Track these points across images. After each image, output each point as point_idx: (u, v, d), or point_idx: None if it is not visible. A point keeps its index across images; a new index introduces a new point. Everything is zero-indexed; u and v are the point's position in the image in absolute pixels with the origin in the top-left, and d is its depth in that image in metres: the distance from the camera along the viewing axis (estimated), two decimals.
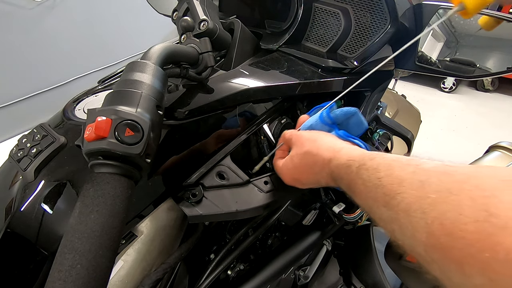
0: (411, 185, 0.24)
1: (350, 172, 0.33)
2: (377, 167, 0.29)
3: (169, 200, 0.45)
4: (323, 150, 0.38)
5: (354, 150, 0.36)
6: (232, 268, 0.60)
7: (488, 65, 0.59)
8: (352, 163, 0.33)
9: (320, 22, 0.61)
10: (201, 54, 0.45)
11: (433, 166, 0.25)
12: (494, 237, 0.18)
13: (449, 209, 0.20)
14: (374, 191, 0.28)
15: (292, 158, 0.42)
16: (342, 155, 0.35)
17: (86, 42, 2.22)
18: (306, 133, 0.43)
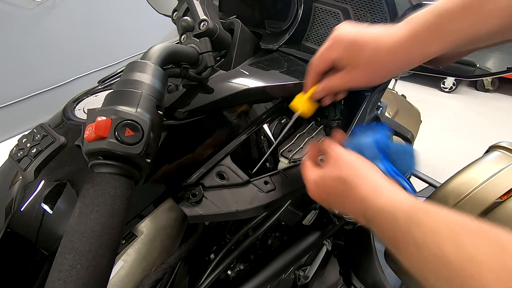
0: (497, 277, 0.19)
1: (395, 224, 0.27)
2: (436, 229, 0.23)
3: (169, 200, 0.45)
4: (361, 184, 0.32)
5: (400, 195, 0.29)
6: (232, 268, 0.60)
7: (488, 65, 0.59)
8: (399, 214, 0.26)
9: (320, 22, 0.61)
10: (201, 54, 0.45)
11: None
12: None
13: None
14: (434, 262, 0.22)
15: (324, 178, 0.36)
16: (384, 197, 0.29)
17: (86, 42, 2.22)
18: (346, 154, 0.36)
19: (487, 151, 0.85)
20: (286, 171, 0.50)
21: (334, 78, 0.39)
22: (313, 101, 0.43)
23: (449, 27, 0.31)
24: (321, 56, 0.40)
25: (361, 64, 0.36)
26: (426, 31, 0.32)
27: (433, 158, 2.04)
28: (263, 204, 0.44)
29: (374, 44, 0.35)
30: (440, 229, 0.23)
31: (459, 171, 0.78)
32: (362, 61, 0.36)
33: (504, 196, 0.69)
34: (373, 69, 0.36)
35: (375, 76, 0.37)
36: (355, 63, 0.36)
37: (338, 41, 0.38)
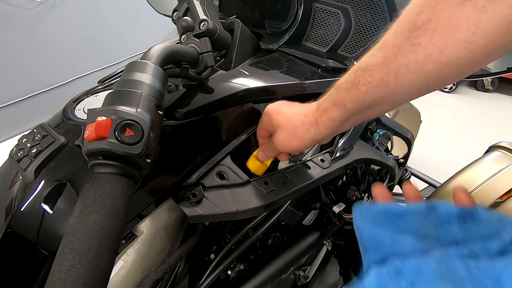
0: None
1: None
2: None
3: (169, 200, 0.45)
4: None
5: None
6: (232, 268, 0.60)
7: (488, 65, 0.59)
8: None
9: (320, 22, 0.61)
10: (201, 54, 0.45)
11: None
12: None
13: None
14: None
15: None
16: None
17: (86, 42, 2.21)
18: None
19: (487, 151, 0.86)
20: (286, 171, 0.50)
21: (268, 143, 0.44)
22: (262, 162, 0.47)
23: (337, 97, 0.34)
24: (259, 126, 0.46)
25: (279, 128, 0.40)
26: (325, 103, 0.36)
27: (433, 158, 2.04)
28: (263, 204, 0.44)
29: (290, 110, 0.40)
30: None
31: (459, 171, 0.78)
32: (279, 126, 0.40)
33: (504, 196, 0.69)
34: (288, 132, 0.39)
35: (292, 141, 0.39)
36: (276, 128, 0.41)
37: (265, 113, 0.43)
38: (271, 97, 0.54)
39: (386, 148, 0.80)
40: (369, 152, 0.63)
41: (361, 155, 0.61)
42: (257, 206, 0.44)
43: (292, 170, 0.50)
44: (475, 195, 0.71)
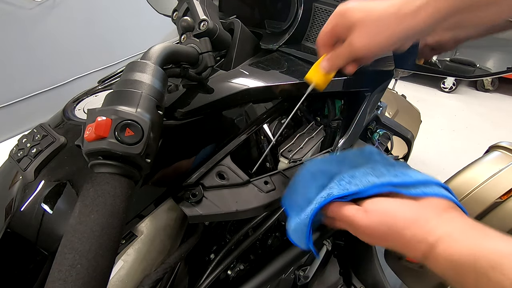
0: None
1: (464, 282, 0.25)
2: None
3: (169, 200, 0.45)
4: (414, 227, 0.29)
5: (454, 238, 0.26)
6: (232, 268, 0.60)
7: (488, 65, 0.59)
8: (464, 270, 0.24)
9: (320, 22, 0.61)
10: (201, 54, 0.45)
11: None
12: None
13: None
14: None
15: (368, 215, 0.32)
16: (441, 252, 0.26)
17: (86, 42, 2.22)
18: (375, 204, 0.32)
19: (487, 151, 0.85)
20: (286, 171, 0.50)
21: (338, 48, 0.38)
22: (325, 73, 0.41)
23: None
24: (323, 30, 0.39)
25: (358, 25, 0.34)
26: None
27: (433, 158, 2.04)
28: (263, 204, 0.44)
29: (372, 4, 0.34)
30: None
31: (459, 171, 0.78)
32: (358, 22, 0.34)
33: (504, 196, 0.69)
34: (372, 27, 0.34)
35: (377, 36, 0.34)
36: (353, 27, 0.35)
37: (336, 14, 0.37)
38: (271, 97, 0.54)
39: (386, 148, 0.80)
40: None
41: None
42: (257, 206, 0.44)
43: (292, 170, 0.50)
44: (475, 195, 0.71)
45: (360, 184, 0.32)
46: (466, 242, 0.25)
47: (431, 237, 0.27)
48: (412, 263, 0.74)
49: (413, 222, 0.29)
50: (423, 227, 0.28)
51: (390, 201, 0.31)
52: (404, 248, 0.29)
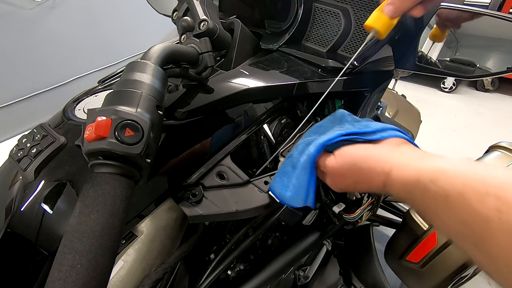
0: (502, 231, 0.21)
1: (413, 199, 0.29)
2: (447, 197, 0.25)
3: (169, 200, 0.45)
4: (372, 164, 0.34)
5: (404, 164, 0.30)
6: (232, 268, 0.60)
7: (488, 65, 0.59)
8: (412, 189, 0.29)
9: (320, 22, 0.61)
10: (201, 54, 0.45)
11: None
12: None
13: None
14: (453, 225, 0.25)
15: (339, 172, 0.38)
16: (394, 177, 0.31)
17: (86, 42, 2.21)
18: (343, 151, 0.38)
19: (487, 151, 0.85)
20: None
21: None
22: (389, 18, 0.39)
23: None
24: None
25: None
26: None
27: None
28: (263, 204, 0.44)
29: None
30: (451, 197, 0.24)
31: None
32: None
33: None
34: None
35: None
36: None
37: None
38: (271, 97, 0.54)
39: None
40: None
41: None
42: (257, 206, 0.44)
43: None
44: None
45: (330, 136, 0.39)
46: (412, 165, 0.30)
47: (386, 166, 0.32)
48: (412, 263, 0.74)
49: (370, 157, 0.34)
50: (379, 160, 0.33)
51: (352, 146, 0.37)
52: (367, 183, 0.35)
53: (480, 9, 0.54)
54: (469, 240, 0.23)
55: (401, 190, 0.30)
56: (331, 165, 0.37)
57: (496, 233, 0.21)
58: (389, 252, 0.81)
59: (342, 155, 0.37)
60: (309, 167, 0.39)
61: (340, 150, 0.37)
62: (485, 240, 0.22)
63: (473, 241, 0.23)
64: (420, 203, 0.28)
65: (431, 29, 0.60)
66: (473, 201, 0.23)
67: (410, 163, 0.30)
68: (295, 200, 0.41)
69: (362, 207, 0.54)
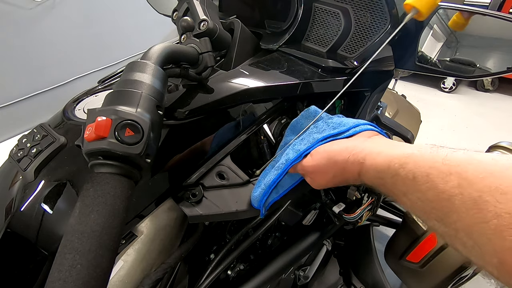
0: (463, 205, 0.22)
1: (385, 183, 0.31)
2: (414, 178, 0.27)
3: (169, 200, 0.45)
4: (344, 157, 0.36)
5: (376, 152, 0.32)
6: (232, 268, 0.60)
7: (488, 65, 0.59)
8: (383, 174, 0.30)
9: (320, 22, 0.61)
10: (201, 54, 0.45)
11: (477, 173, 0.23)
12: None
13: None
14: (421, 204, 0.26)
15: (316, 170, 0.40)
16: (368, 165, 0.33)
17: (86, 42, 2.21)
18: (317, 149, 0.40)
19: (487, 151, 0.85)
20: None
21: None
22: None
23: None
24: None
25: None
26: None
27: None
28: None
29: None
30: (418, 179, 0.26)
31: None
32: None
33: None
34: None
35: None
36: None
37: None
38: (271, 97, 0.54)
39: None
40: None
41: None
42: None
43: None
44: None
45: (308, 143, 0.40)
46: (383, 153, 0.31)
47: (360, 156, 0.34)
48: (412, 263, 0.74)
49: (344, 149, 0.36)
50: (353, 150, 0.35)
51: (328, 144, 0.39)
52: (343, 175, 0.36)
53: (480, 9, 0.54)
54: (435, 216, 0.25)
55: (374, 177, 0.32)
56: (308, 164, 0.39)
57: (459, 207, 0.23)
58: (389, 252, 0.81)
59: (318, 152, 0.39)
60: (282, 169, 0.41)
61: (316, 150, 0.39)
62: (449, 214, 0.24)
63: (438, 216, 0.25)
64: (391, 187, 0.30)
65: (431, 29, 0.60)
66: (438, 181, 0.25)
67: (381, 151, 0.32)
68: (255, 200, 0.42)
69: (362, 207, 0.54)
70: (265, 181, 0.42)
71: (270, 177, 0.42)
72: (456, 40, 0.62)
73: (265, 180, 0.43)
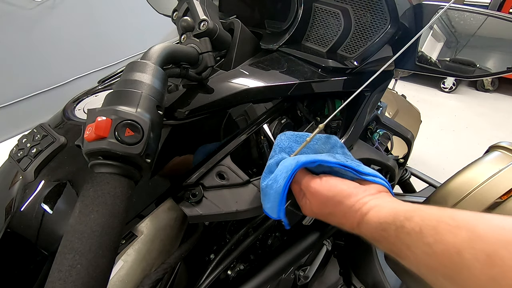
0: (477, 260, 0.21)
1: (388, 236, 0.29)
2: (421, 231, 0.26)
3: (169, 200, 0.45)
4: (344, 214, 0.35)
5: (382, 206, 0.32)
6: (232, 268, 0.60)
7: (488, 65, 0.59)
8: (387, 226, 0.29)
9: (320, 22, 0.61)
10: (201, 54, 0.45)
11: (488, 227, 0.22)
12: None
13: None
14: (427, 259, 0.25)
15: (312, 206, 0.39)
16: (371, 217, 0.32)
17: (86, 42, 2.21)
18: (320, 186, 0.38)
19: (487, 151, 0.85)
20: None
21: None
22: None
23: None
24: None
25: None
26: None
27: (433, 158, 2.04)
28: None
29: None
30: (425, 231, 0.25)
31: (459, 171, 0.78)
32: None
33: (504, 196, 0.68)
34: None
35: None
36: None
37: None
38: (271, 97, 0.54)
39: (386, 148, 0.80)
40: (369, 152, 0.63)
41: (361, 155, 0.61)
42: (257, 206, 0.44)
43: None
44: (475, 195, 0.71)
45: (328, 157, 0.39)
46: (389, 207, 0.31)
47: (364, 208, 0.33)
48: None
49: (353, 195, 0.35)
50: (359, 200, 0.34)
51: (341, 179, 0.38)
52: (341, 218, 0.36)
53: (480, 9, 0.54)
54: (443, 273, 0.24)
55: (375, 229, 0.31)
56: (315, 187, 0.37)
57: (470, 262, 0.21)
58: None
59: (329, 182, 0.37)
60: (292, 171, 0.38)
61: (329, 177, 0.38)
62: (459, 271, 0.22)
63: (447, 273, 0.23)
64: (394, 240, 0.29)
65: (431, 29, 0.60)
66: (447, 234, 0.23)
67: (387, 206, 0.32)
68: (273, 212, 0.40)
69: None
70: (274, 188, 0.39)
71: (280, 183, 0.39)
72: (456, 40, 0.62)
73: (275, 187, 0.39)
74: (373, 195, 0.35)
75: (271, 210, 0.40)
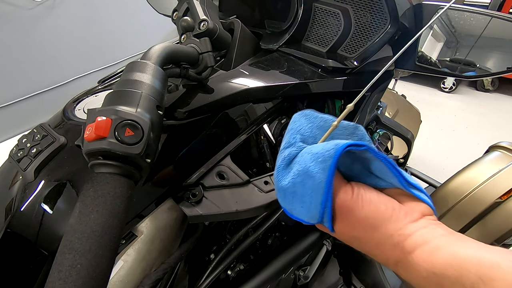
0: None
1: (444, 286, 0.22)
2: None
3: (169, 200, 0.45)
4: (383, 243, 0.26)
5: (435, 246, 0.23)
6: (232, 268, 0.60)
7: (488, 65, 0.59)
8: (447, 282, 0.22)
9: (320, 22, 0.61)
10: (201, 54, 0.45)
11: None
12: None
13: None
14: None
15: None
16: (419, 260, 0.24)
17: (86, 42, 2.22)
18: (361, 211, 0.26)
19: (487, 151, 0.85)
20: None
21: None
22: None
23: None
24: None
25: None
26: None
27: (433, 158, 2.04)
28: (263, 204, 0.44)
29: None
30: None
31: (459, 171, 0.78)
32: None
33: (504, 196, 0.69)
34: None
35: None
36: None
37: None
38: (271, 97, 0.54)
39: (386, 148, 0.80)
40: None
41: None
42: (257, 206, 0.44)
43: None
44: (475, 195, 0.71)
45: (370, 145, 0.28)
46: (448, 252, 0.23)
47: (407, 242, 0.25)
48: None
49: (393, 220, 0.26)
50: (401, 230, 0.25)
51: (377, 193, 0.27)
52: (374, 247, 0.27)
53: (480, 9, 0.54)
54: None
55: (427, 279, 0.23)
56: (344, 198, 0.27)
57: None
58: None
59: (363, 196, 0.27)
60: (331, 168, 0.26)
61: (364, 188, 0.27)
62: None
63: None
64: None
65: (431, 29, 0.60)
66: None
67: (443, 246, 0.24)
68: (313, 219, 0.29)
69: None
70: (310, 186, 0.27)
71: (320, 178, 0.26)
72: (456, 40, 0.62)
73: (310, 184, 0.27)
74: (417, 222, 0.26)
75: (306, 214, 0.29)
